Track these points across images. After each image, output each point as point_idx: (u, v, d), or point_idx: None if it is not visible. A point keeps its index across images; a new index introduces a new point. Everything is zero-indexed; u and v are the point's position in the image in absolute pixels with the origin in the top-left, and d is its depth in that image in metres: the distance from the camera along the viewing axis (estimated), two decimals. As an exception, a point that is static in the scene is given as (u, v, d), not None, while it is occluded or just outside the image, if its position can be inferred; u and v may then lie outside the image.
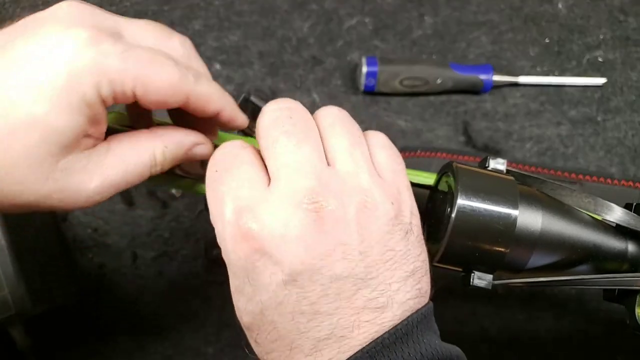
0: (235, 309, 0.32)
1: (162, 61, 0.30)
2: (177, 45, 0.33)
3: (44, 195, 0.29)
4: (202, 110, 0.32)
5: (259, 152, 0.31)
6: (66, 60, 0.27)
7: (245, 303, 0.31)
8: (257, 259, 0.29)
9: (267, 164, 0.30)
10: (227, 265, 0.31)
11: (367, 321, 0.28)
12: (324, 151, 0.31)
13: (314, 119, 0.32)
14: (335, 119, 0.32)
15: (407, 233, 0.30)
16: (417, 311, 0.30)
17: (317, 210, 0.28)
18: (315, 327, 0.28)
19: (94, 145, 0.31)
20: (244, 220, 0.28)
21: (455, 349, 0.31)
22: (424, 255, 0.32)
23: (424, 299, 0.31)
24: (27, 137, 0.27)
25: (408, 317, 0.29)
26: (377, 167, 0.32)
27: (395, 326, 0.28)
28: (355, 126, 0.32)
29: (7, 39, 0.28)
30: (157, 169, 0.33)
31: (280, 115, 0.31)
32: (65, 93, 0.27)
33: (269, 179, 0.30)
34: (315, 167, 0.29)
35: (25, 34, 0.28)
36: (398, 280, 0.29)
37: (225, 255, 0.31)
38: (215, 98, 0.33)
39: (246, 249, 0.29)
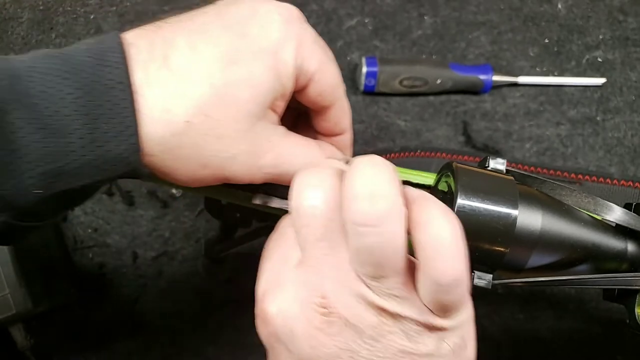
0: None
1: (333, 62, 0.33)
2: (334, 61, 0.34)
3: (235, 154, 0.30)
4: (335, 123, 0.35)
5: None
6: (279, 27, 0.30)
7: None
8: (274, 342, 0.29)
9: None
10: None
11: None
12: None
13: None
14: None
15: (440, 341, 0.28)
16: None
17: (326, 315, 0.27)
18: None
19: (274, 123, 0.32)
20: (265, 303, 0.29)
21: None
22: (460, 357, 0.29)
23: None
24: (240, 92, 0.29)
25: None
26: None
27: None
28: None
29: (220, 9, 0.31)
30: None
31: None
32: (274, 57, 0.30)
33: None
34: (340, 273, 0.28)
35: (239, 4, 0.31)
36: None
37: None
38: (348, 116, 0.36)
39: (265, 331, 0.30)
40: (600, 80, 0.62)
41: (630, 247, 0.36)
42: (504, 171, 0.35)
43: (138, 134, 0.28)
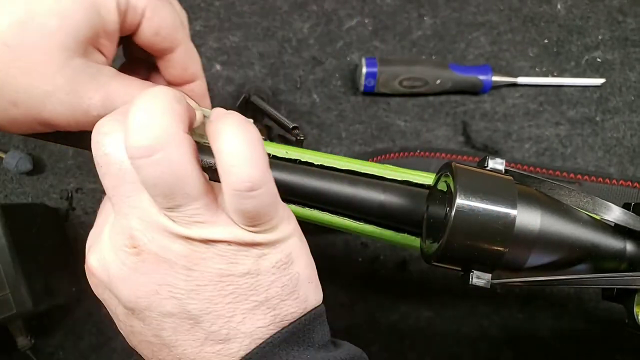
0: None
1: (171, 3, 0.32)
2: (178, 7, 0.34)
3: (49, 91, 0.29)
4: (183, 68, 0.34)
5: None
6: None
7: (117, 326, 0.31)
8: (102, 292, 0.30)
9: None
10: None
11: (213, 352, 0.28)
12: None
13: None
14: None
15: (258, 259, 0.28)
16: (272, 337, 0.29)
17: (137, 254, 0.27)
18: (166, 356, 0.29)
19: (102, 64, 0.31)
20: (88, 257, 0.29)
21: (346, 353, 0.31)
22: (285, 279, 0.30)
23: (285, 322, 0.30)
24: (46, 20, 0.28)
25: (260, 344, 0.29)
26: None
27: (244, 356, 0.28)
28: None
29: None
30: None
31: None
32: None
33: None
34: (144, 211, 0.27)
35: None
36: (243, 312, 0.28)
37: None
38: (197, 61, 0.34)
39: (92, 284, 0.30)
40: (599, 81, 0.62)
41: (629, 246, 0.36)
42: (503, 171, 0.35)
43: None
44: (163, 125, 0.25)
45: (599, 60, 0.63)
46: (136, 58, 0.35)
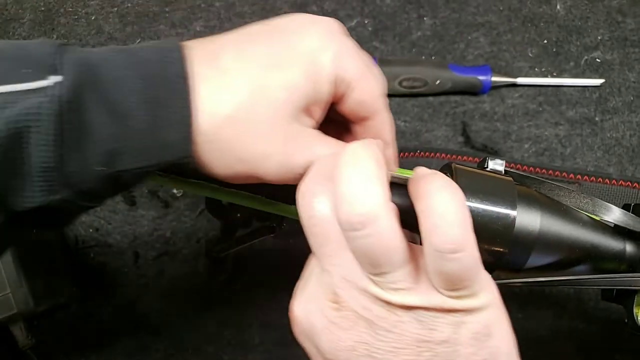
0: None
1: (375, 73, 0.35)
2: (380, 76, 0.36)
3: (269, 153, 0.32)
4: (377, 135, 0.36)
5: None
6: (319, 37, 0.32)
7: None
8: (304, 340, 0.31)
9: None
10: None
11: None
12: None
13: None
14: None
15: (456, 327, 0.28)
16: None
17: (338, 309, 0.28)
18: None
19: (311, 127, 0.34)
20: (292, 305, 0.31)
21: None
22: (484, 352, 0.29)
23: None
24: (277, 94, 0.31)
25: None
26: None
27: None
28: None
29: (268, 21, 0.34)
30: None
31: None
32: (312, 63, 0.32)
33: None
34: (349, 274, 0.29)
35: (284, 17, 0.34)
36: None
37: None
38: (392, 130, 0.36)
39: (295, 331, 0.31)
40: (598, 81, 0.62)
41: (629, 247, 0.36)
42: (503, 172, 0.35)
43: (190, 124, 0.30)
44: (373, 197, 0.26)
45: (598, 60, 0.63)
46: (331, 119, 0.36)
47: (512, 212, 0.32)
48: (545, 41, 0.63)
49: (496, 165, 0.35)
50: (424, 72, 0.59)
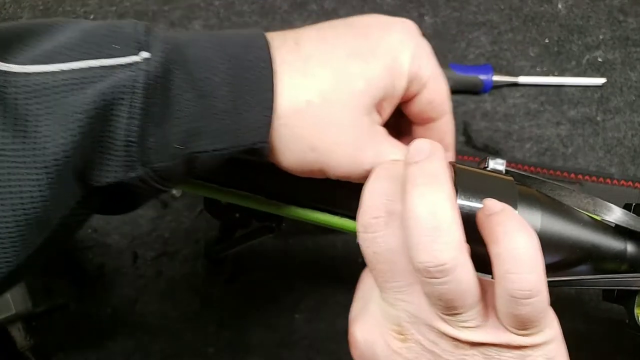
0: None
1: (444, 75, 0.35)
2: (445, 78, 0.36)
3: (341, 143, 0.32)
4: (440, 138, 0.36)
5: None
6: (399, 35, 0.33)
7: None
8: None
9: None
10: None
11: None
12: None
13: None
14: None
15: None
16: None
17: (404, 340, 0.29)
18: None
19: (379, 124, 0.34)
20: (353, 329, 0.31)
21: None
22: None
23: None
24: (357, 82, 0.31)
25: None
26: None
27: None
28: None
29: (348, 18, 0.35)
30: None
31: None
32: (392, 59, 0.32)
33: None
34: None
35: (365, 15, 0.35)
36: None
37: None
38: (453, 133, 0.37)
39: (354, 353, 0.32)
40: (600, 80, 0.62)
41: (630, 247, 0.36)
42: (504, 171, 0.35)
43: (272, 108, 0.30)
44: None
45: (600, 60, 0.63)
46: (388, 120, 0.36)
47: (512, 212, 0.32)
48: (547, 40, 0.63)
49: (497, 164, 0.35)
50: (424, 72, 0.59)
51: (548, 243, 0.33)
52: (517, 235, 0.26)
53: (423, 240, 0.26)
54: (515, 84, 0.62)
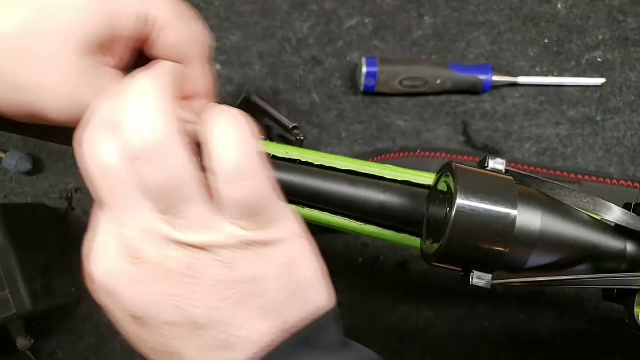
0: None
1: (195, 21, 0.33)
2: (202, 27, 0.35)
3: (54, 84, 0.29)
4: (191, 87, 0.34)
5: None
6: None
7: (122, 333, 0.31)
8: (104, 299, 0.29)
9: None
10: None
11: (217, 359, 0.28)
12: None
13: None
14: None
15: (256, 262, 0.28)
16: (278, 343, 0.28)
17: (139, 264, 0.27)
18: None
19: (112, 68, 0.32)
20: (88, 264, 0.29)
21: (357, 356, 0.30)
22: (287, 282, 0.29)
23: (290, 326, 0.29)
24: (63, 14, 0.29)
25: (264, 351, 0.28)
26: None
27: None
28: None
29: None
30: None
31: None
32: None
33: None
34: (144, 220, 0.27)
35: None
36: (244, 318, 0.28)
37: None
38: (208, 84, 0.35)
39: (93, 289, 0.29)
40: (600, 81, 0.62)
41: (630, 247, 0.36)
42: (504, 171, 0.35)
43: None
44: (161, 126, 0.25)
45: (599, 60, 0.63)
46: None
47: (512, 212, 0.32)
48: (547, 40, 0.63)
49: (497, 164, 0.35)
50: (424, 72, 0.59)
51: (548, 242, 0.33)
52: (219, 116, 0.27)
53: (134, 122, 0.25)
54: (515, 84, 0.62)
